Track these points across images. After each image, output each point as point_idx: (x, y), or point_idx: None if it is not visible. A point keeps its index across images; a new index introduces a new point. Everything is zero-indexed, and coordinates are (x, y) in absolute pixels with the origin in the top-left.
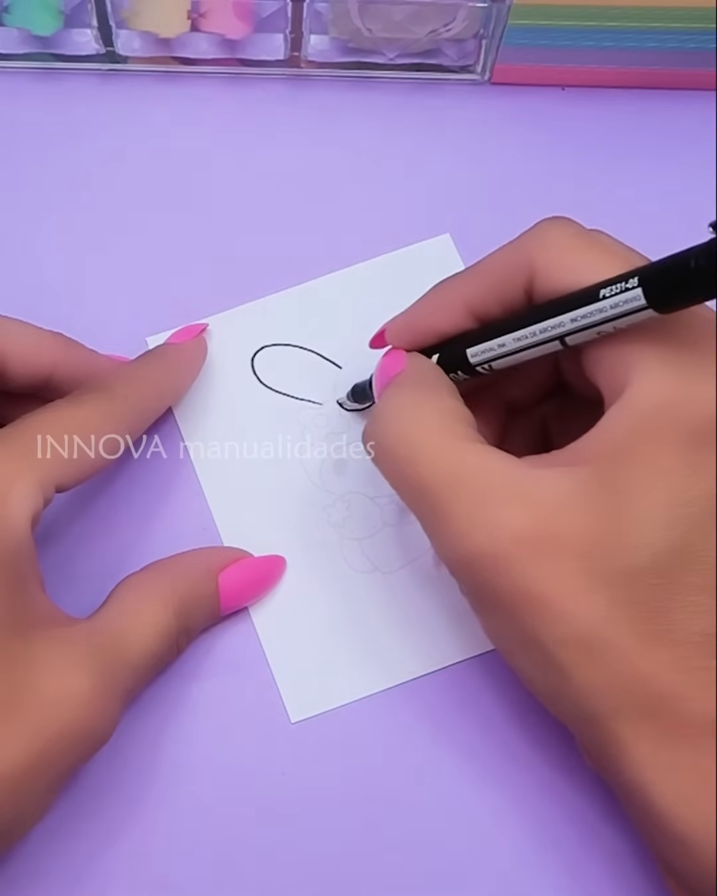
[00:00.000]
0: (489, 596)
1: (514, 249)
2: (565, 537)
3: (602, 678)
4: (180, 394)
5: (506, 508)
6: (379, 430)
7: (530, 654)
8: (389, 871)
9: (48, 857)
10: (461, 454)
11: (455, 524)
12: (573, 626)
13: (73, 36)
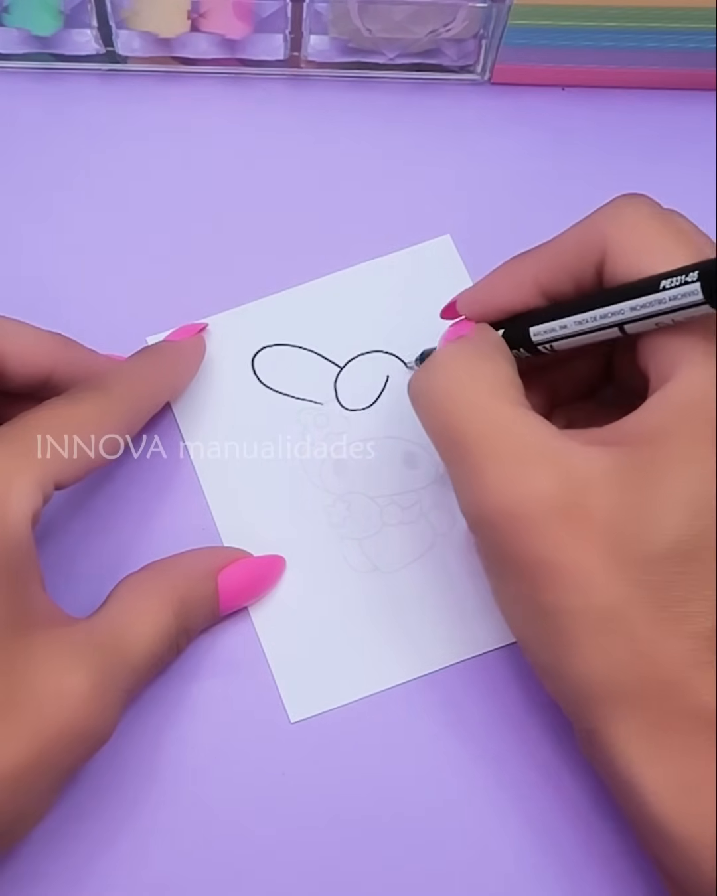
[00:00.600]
0: (508, 557)
1: (588, 227)
2: (594, 512)
3: (607, 658)
4: (178, 391)
5: (540, 472)
6: (430, 377)
7: (538, 622)
8: (389, 871)
9: (48, 857)
10: (506, 413)
11: (486, 479)
12: (589, 599)
13: (73, 36)
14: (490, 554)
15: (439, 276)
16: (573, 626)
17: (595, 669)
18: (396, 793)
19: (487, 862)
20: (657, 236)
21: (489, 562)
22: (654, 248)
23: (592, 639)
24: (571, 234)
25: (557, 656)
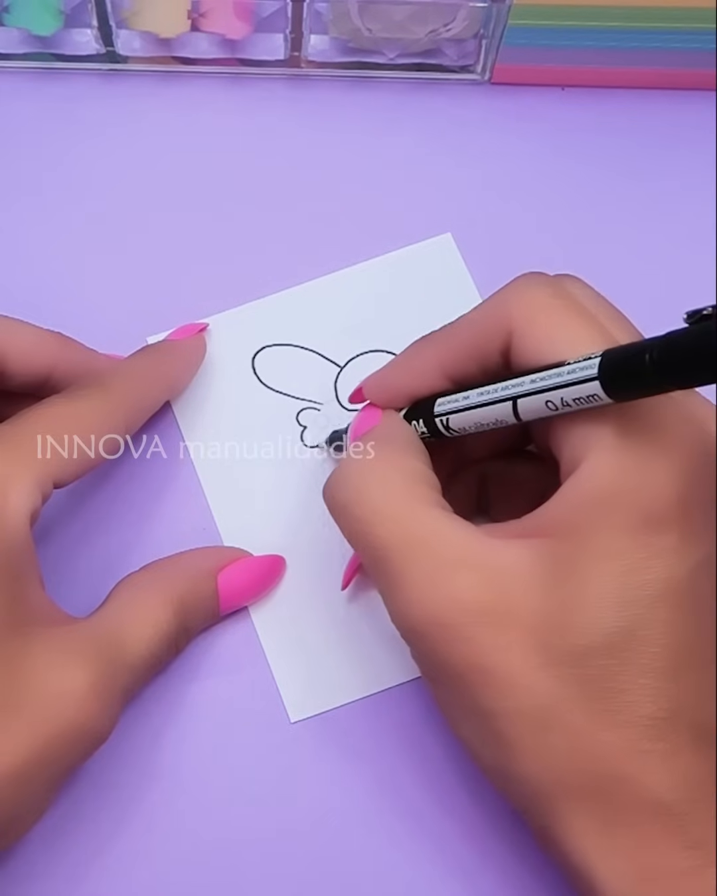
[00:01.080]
0: (439, 664)
1: (491, 309)
2: (519, 610)
3: (549, 756)
4: (177, 390)
5: (460, 578)
6: (340, 486)
7: (477, 726)
8: (388, 871)
9: (48, 856)
10: (420, 518)
11: (408, 590)
12: (522, 700)
13: (73, 36)
14: (423, 661)
15: (440, 274)
16: (511, 727)
17: (538, 769)
18: (396, 793)
19: (487, 861)
20: (560, 322)
21: (424, 668)
22: (557, 333)
23: (531, 739)
24: (474, 317)
25: (499, 758)
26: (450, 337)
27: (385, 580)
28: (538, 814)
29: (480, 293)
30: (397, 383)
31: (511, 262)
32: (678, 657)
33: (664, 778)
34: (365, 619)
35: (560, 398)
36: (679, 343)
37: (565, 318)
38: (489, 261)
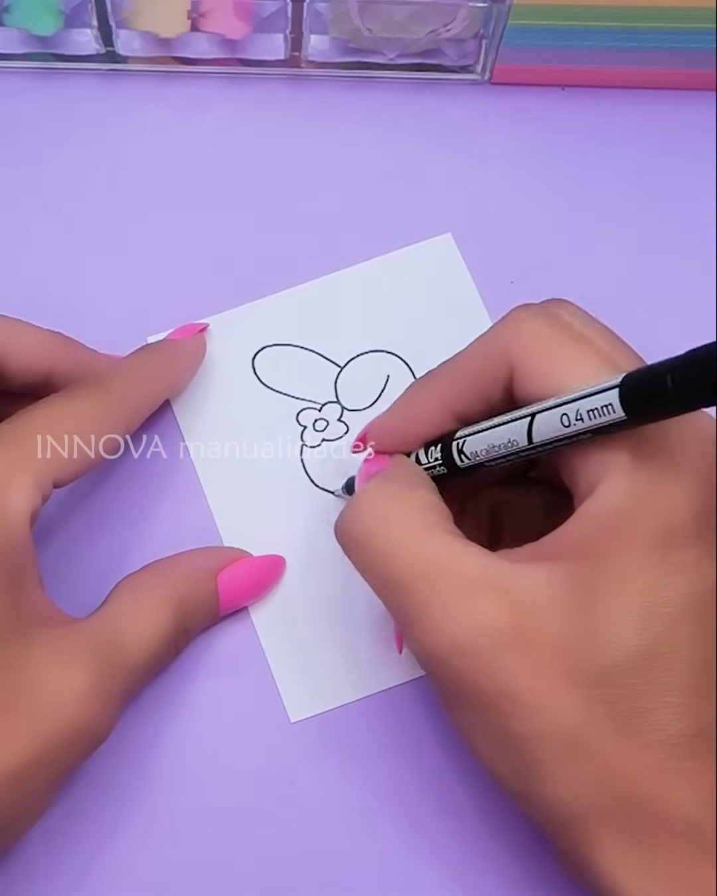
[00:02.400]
0: (463, 691)
1: (490, 345)
2: (542, 633)
3: (577, 778)
4: (176, 389)
5: (481, 602)
6: (353, 521)
7: (502, 751)
8: (388, 871)
9: (47, 856)
10: (437, 547)
11: (429, 618)
12: (549, 723)
13: (73, 36)
14: (446, 688)
15: (440, 274)
16: (539, 751)
17: (567, 792)
18: (395, 793)
19: (487, 861)
20: (562, 355)
21: (446, 695)
22: (560, 366)
23: (559, 762)
24: (473, 353)
25: (526, 782)
26: (451, 376)
27: (405, 611)
28: (567, 836)
29: (480, 293)
30: (404, 428)
31: (511, 262)
32: (703, 673)
33: (692, 796)
34: (365, 620)
35: (576, 410)
36: (701, 362)
37: (562, 348)
38: (489, 261)
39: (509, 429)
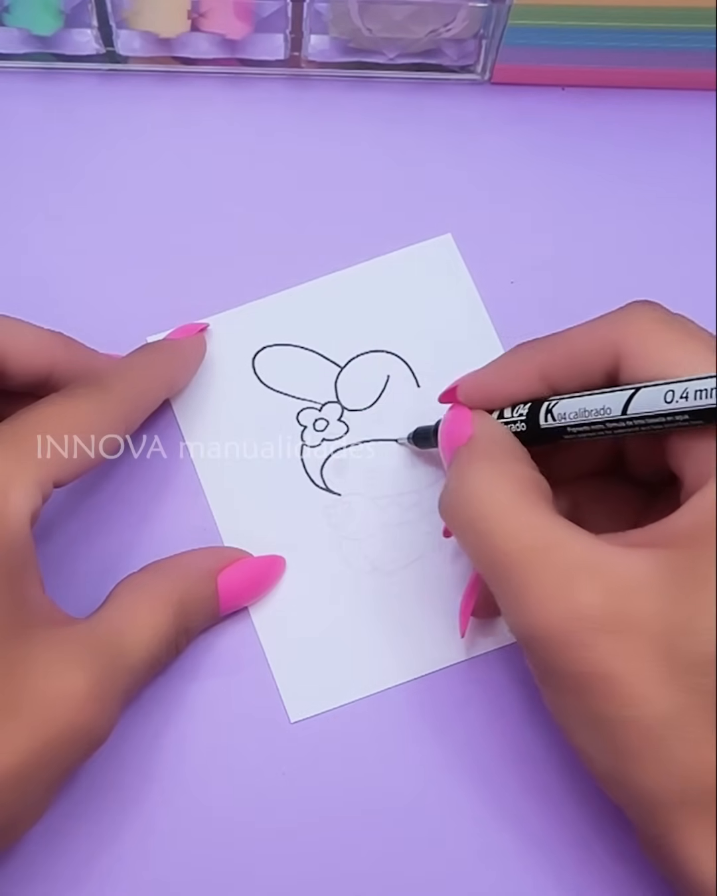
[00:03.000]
0: (560, 673)
1: (601, 328)
2: (643, 619)
3: (669, 766)
4: (176, 389)
5: (584, 585)
6: (457, 503)
7: (596, 735)
8: (388, 871)
9: (48, 857)
10: (541, 528)
11: (531, 599)
12: (645, 710)
13: (73, 36)
14: (542, 668)
15: (441, 274)
16: (632, 736)
17: (658, 779)
18: (395, 793)
19: (487, 861)
20: (673, 345)
21: (542, 675)
22: (671, 356)
23: (652, 748)
24: (583, 332)
25: (618, 766)
26: (556, 347)
27: (507, 590)
28: (653, 824)
29: (480, 293)
30: (497, 385)
31: (511, 263)
32: None
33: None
34: (365, 620)
35: (684, 388)
36: None
37: (679, 339)
38: (489, 261)
39: (607, 397)
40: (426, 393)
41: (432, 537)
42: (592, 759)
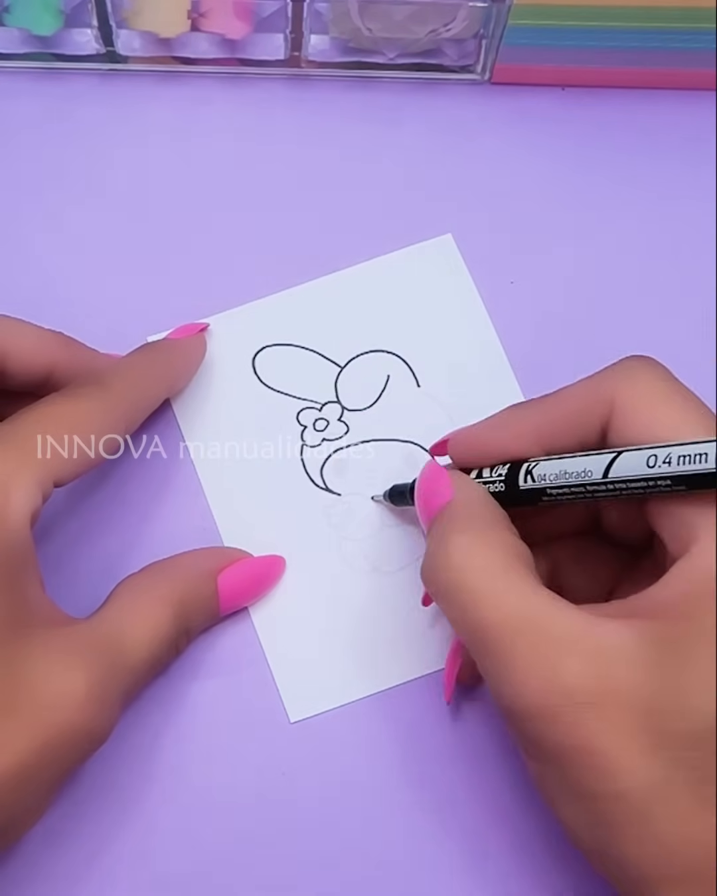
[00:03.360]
0: (544, 746)
1: (596, 383)
2: (627, 692)
3: (653, 840)
4: (176, 388)
5: (567, 660)
6: (438, 573)
7: (579, 808)
8: (388, 871)
9: (48, 857)
10: (524, 600)
11: (515, 673)
12: (629, 783)
13: (73, 36)
14: (526, 740)
15: (441, 275)
16: (616, 811)
17: (642, 853)
18: (395, 793)
19: (487, 861)
20: (668, 402)
21: (526, 746)
22: (664, 417)
23: (637, 822)
24: (578, 389)
25: (602, 840)
26: (550, 405)
27: (492, 662)
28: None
29: (480, 294)
30: (491, 443)
31: (511, 263)
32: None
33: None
34: (365, 620)
35: (667, 454)
36: None
37: (669, 403)
38: (490, 261)
39: (588, 460)
40: (426, 393)
41: None
42: (577, 834)
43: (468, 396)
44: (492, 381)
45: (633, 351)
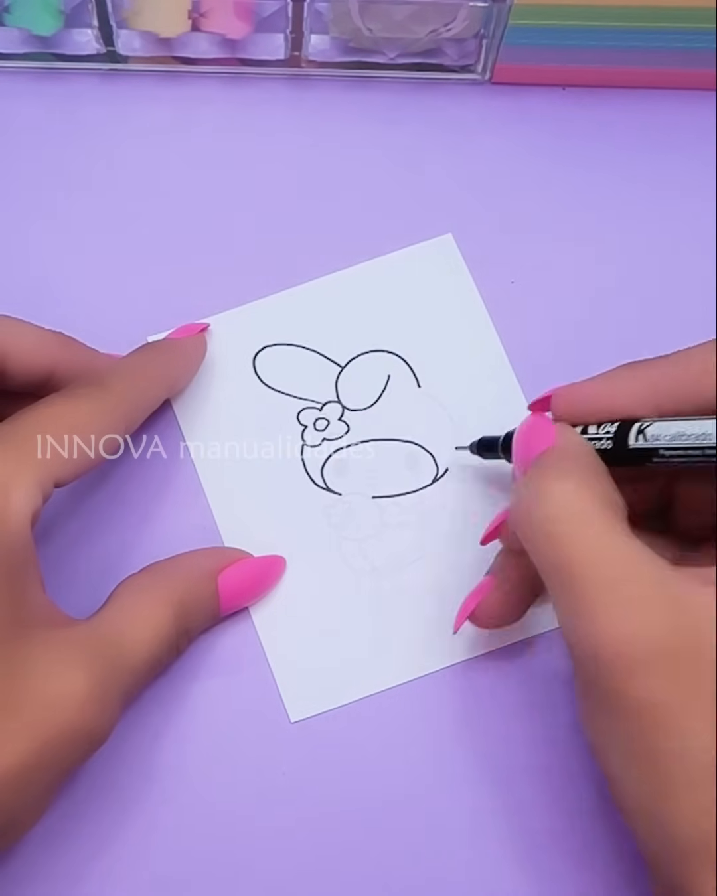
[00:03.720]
0: (611, 693)
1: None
2: (702, 655)
3: (708, 807)
4: (177, 388)
5: (654, 611)
6: (534, 507)
7: (634, 764)
8: (387, 871)
9: (48, 857)
10: (620, 548)
11: (597, 611)
12: (692, 743)
13: (73, 36)
14: (592, 686)
15: (441, 274)
16: (675, 770)
17: (694, 820)
18: (395, 793)
19: (487, 861)
20: None
21: (591, 693)
22: None
23: (692, 786)
24: (702, 351)
25: (653, 800)
26: (671, 367)
27: (575, 602)
28: (678, 868)
29: (480, 293)
30: (600, 398)
31: (512, 263)
32: None
33: None
34: (365, 620)
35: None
36: None
37: None
38: (490, 261)
39: (709, 423)
40: (427, 393)
41: (432, 537)
42: (624, 791)
43: (469, 396)
44: (492, 381)
45: (634, 350)
